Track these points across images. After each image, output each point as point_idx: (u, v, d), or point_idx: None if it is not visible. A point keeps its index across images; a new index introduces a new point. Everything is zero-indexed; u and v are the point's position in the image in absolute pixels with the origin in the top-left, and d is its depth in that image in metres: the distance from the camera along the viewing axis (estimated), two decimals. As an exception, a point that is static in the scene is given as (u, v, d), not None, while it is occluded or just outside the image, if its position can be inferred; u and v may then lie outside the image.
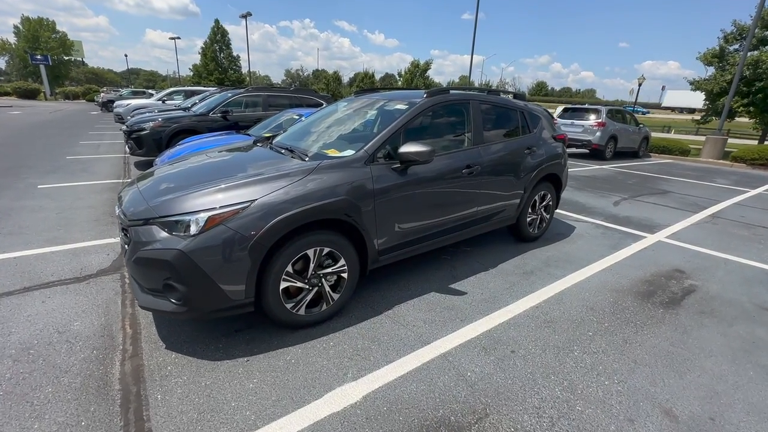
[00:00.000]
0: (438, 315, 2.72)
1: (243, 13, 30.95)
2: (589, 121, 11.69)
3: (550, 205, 4.23)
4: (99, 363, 2.12)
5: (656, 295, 3.12)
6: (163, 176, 2.57)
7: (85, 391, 1.92)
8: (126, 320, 2.53)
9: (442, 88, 3.28)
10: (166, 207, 2.11)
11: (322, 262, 2.46)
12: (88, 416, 1.77)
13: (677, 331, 2.63)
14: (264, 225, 2.10)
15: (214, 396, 1.92)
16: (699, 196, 7.01)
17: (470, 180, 3.19)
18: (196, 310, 2.11)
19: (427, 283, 3.16)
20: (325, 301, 2.52)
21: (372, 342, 2.39)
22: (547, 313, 2.78)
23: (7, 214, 4.46)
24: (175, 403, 1.87)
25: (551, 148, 4.03)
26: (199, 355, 2.23)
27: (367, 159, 2.60)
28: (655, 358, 2.33)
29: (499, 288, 3.13)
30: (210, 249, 2.01)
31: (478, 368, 2.18)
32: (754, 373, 2.24)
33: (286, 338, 2.40)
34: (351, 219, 2.46)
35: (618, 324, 2.68)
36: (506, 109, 3.70)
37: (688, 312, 2.89)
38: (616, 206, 5.96)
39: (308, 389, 1.99)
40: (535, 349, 2.37)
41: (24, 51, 47.27)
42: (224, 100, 7.98)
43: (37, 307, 2.63)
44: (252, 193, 2.17)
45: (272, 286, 2.24)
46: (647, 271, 3.58)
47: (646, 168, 10.62)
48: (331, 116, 3.56)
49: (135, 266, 2.13)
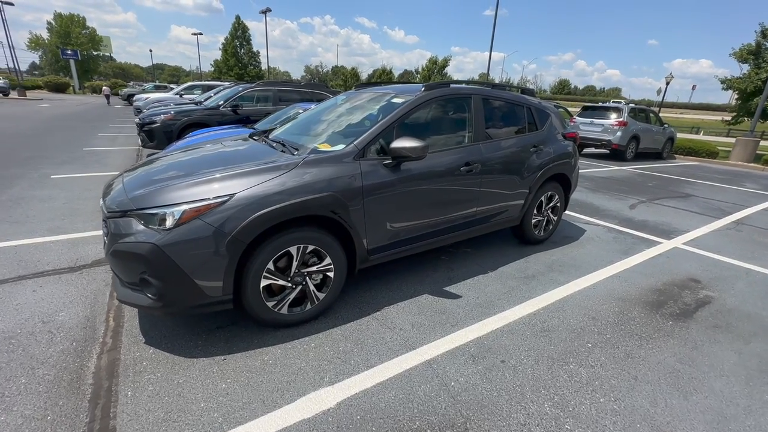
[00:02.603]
0: (428, 318, 2.60)
1: (263, 9, 31.22)
2: (609, 120, 11.25)
3: (558, 206, 4.03)
4: (76, 355, 2.10)
5: (666, 306, 2.91)
6: (147, 168, 2.53)
7: (57, 384, 1.89)
8: (111, 312, 2.51)
9: (442, 82, 3.13)
10: (143, 199, 2.06)
11: (307, 260, 2.37)
12: (56, 411, 1.74)
13: (686, 347, 2.43)
14: (242, 220, 2.03)
15: (185, 395, 1.87)
16: (724, 201, 6.61)
17: (469, 178, 3.05)
18: (172, 306, 2.06)
19: (420, 285, 3.04)
20: (309, 300, 2.44)
21: (355, 345, 2.30)
22: (544, 321, 2.62)
23: (17, 202, 4.56)
24: (143, 401, 1.82)
25: (560, 146, 3.83)
26: (176, 351, 2.18)
27: (357, 154, 2.49)
28: (659, 375, 2.15)
29: (496, 292, 2.99)
30: (185, 244, 1.95)
31: (463, 378, 2.06)
32: (769, 396, 2.04)
33: (267, 337, 2.33)
34: (337, 216, 2.36)
35: (621, 336, 2.50)
36: (511, 104, 3.52)
37: (700, 326, 2.68)
38: (632, 209, 5.68)
39: (281, 392, 1.91)
40: (528, 360, 2.23)
41: (56, 46, 49.08)
42: (235, 94, 8.02)
43: (27, 295, 2.64)
44: (232, 186, 2.10)
45: (252, 283, 2.17)
46: (659, 279, 3.36)
47: (669, 170, 10.15)
48: (329, 110, 3.47)
49: (112, 259, 2.09)
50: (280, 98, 8.34)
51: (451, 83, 3.19)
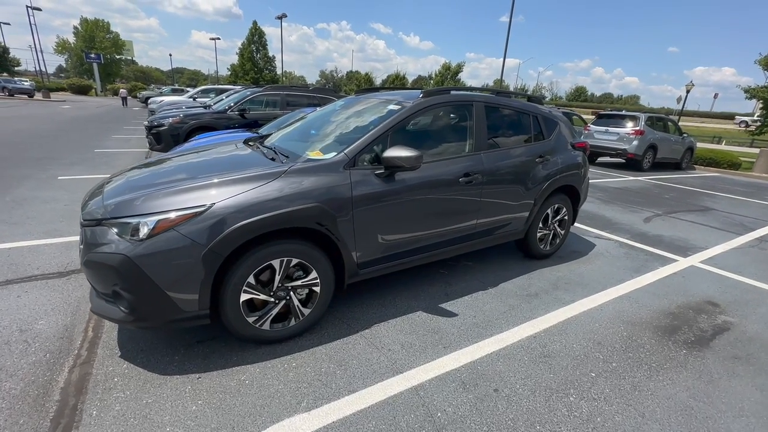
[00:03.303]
0: (419, 339, 2.44)
1: (278, 15, 31.65)
2: (625, 128, 10.91)
3: (566, 219, 3.84)
4: (47, 368, 2.01)
5: (680, 332, 2.69)
6: (131, 176, 2.46)
7: (22, 399, 1.81)
8: (90, 322, 2.43)
9: (442, 88, 3.00)
10: (118, 207, 1.97)
11: (291, 274, 2.25)
12: (15, 429, 1.65)
13: (701, 380, 2.21)
14: (220, 232, 1.92)
15: (151, 417, 1.76)
16: (746, 216, 6.27)
17: (469, 189, 2.89)
18: (145, 321, 1.96)
19: (415, 301, 2.89)
20: (293, 315, 2.32)
21: (338, 366, 2.16)
22: (545, 346, 2.44)
23: (20, 204, 4.59)
24: (107, 423, 1.71)
25: (568, 157, 3.64)
26: (151, 367, 2.08)
27: (347, 163, 2.37)
28: (669, 412, 1.95)
29: (495, 311, 2.82)
30: (158, 255, 1.85)
31: (452, 408, 1.90)
32: (795, 443, 1.82)
33: (247, 354, 2.21)
34: (324, 228, 2.24)
35: (628, 365, 2.30)
36: (516, 112, 3.36)
37: (717, 356, 2.45)
38: (647, 223, 5.41)
39: (253, 418, 1.78)
40: (523, 390, 2.05)
41: (81, 50, 50.73)
42: (243, 98, 8.03)
43: (10, 301, 2.59)
44: (211, 196, 2.00)
45: (231, 297, 2.06)
46: (673, 301, 3.13)
47: (688, 181, 9.76)
48: (326, 116, 3.37)
49: (86, 269, 2.01)
50: (287, 102, 8.32)
51: (452, 90, 3.05)
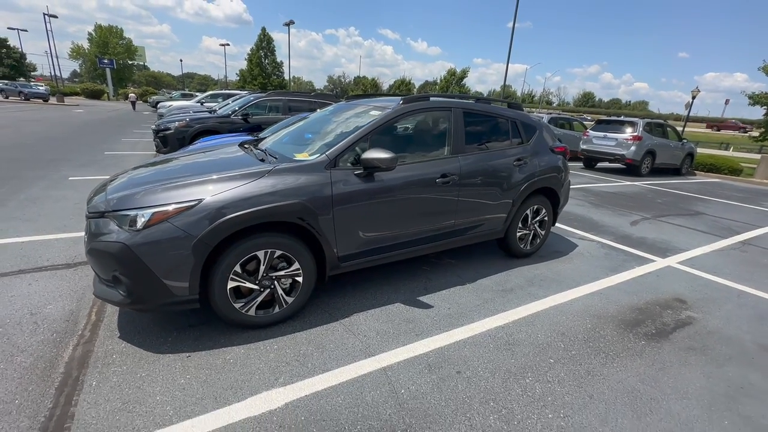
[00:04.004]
0: (394, 327, 2.63)
1: (286, 22, 32.26)
2: (624, 134, 11.02)
3: (546, 220, 4.00)
4: (54, 345, 2.24)
5: (643, 326, 2.84)
6: (132, 174, 2.70)
7: (31, 371, 2.03)
8: (94, 307, 2.67)
9: (421, 95, 3.21)
10: (119, 201, 2.21)
11: (275, 265, 2.46)
12: (24, 395, 1.87)
13: (653, 367, 2.37)
14: (209, 224, 2.14)
15: (144, 388, 1.97)
16: (736, 220, 6.36)
17: (447, 189, 3.09)
18: (141, 303, 2.19)
19: (395, 293, 3.09)
20: (277, 303, 2.53)
21: (316, 349, 2.36)
22: (511, 335, 2.62)
23: (33, 201, 4.88)
24: (105, 392, 1.93)
25: (547, 160, 3.82)
26: (146, 346, 2.30)
27: (328, 164, 2.59)
28: (616, 394, 2.12)
29: (469, 304, 3.00)
30: (153, 244, 2.08)
31: (415, 386, 2.09)
32: (729, 422, 1.97)
33: (234, 337, 2.42)
34: (305, 223, 2.45)
35: (587, 353, 2.47)
36: (495, 118, 3.56)
37: (674, 347, 2.61)
38: (633, 226, 5.54)
39: (235, 390, 1.99)
40: (484, 372, 2.23)
41: (95, 56, 52.00)
42: (246, 103, 8.33)
43: (22, 288, 2.83)
44: (202, 192, 2.22)
45: (219, 284, 2.27)
46: (642, 298, 3.28)
47: (685, 187, 9.82)
48: (317, 121, 3.60)
49: (89, 257, 2.24)
50: (290, 107, 8.60)
51: (432, 97, 3.26)
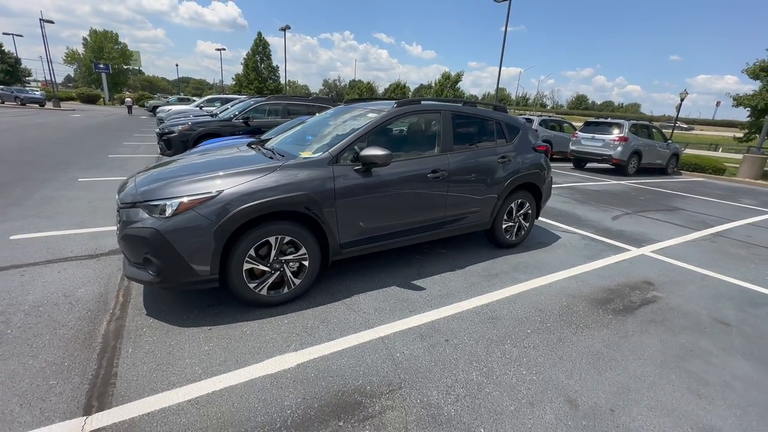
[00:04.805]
0: (390, 305, 2.96)
1: (282, 26, 32.65)
2: (610, 135, 11.45)
3: (530, 213, 4.35)
4: (90, 321, 2.54)
5: (612, 303, 3.19)
6: (156, 170, 3.02)
7: (74, 341, 2.33)
8: (121, 291, 2.97)
9: (413, 99, 3.55)
10: (149, 193, 2.52)
11: (284, 250, 2.78)
12: (72, 359, 2.17)
13: (616, 335, 2.71)
14: (227, 212, 2.46)
15: (174, 353, 2.28)
16: (711, 215, 6.76)
17: (437, 184, 3.42)
18: (168, 282, 2.49)
19: (391, 278, 3.41)
20: (286, 284, 2.84)
21: (322, 323, 2.68)
22: (494, 311, 2.95)
23: (48, 201, 5.16)
24: (140, 356, 2.24)
25: (530, 158, 4.17)
26: (171, 322, 2.60)
27: (331, 160, 2.91)
28: (582, 356, 2.45)
29: (458, 287, 3.32)
30: (180, 230, 2.39)
31: (408, 351, 2.41)
32: (676, 376, 2.31)
33: (249, 314, 2.73)
34: (311, 212, 2.78)
35: (560, 325, 2.81)
36: (480, 119, 3.91)
37: (637, 320, 2.95)
38: (614, 220, 5.91)
39: (253, 355, 2.30)
40: (469, 340, 2.56)
41: (90, 60, 52.12)
42: (247, 107, 8.65)
43: (53, 275, 3.13)
44: (221, 185, 2.54)
45: (235, 266, 2.59)
46: (614, 281, 3.63)
47: (669, 185, 10.25)
48: (318, 123, 3.93)
49: (123, 242, 2.55)
50: (288, 111, 8.93)
51: (423, 100, 3.60)
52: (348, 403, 1.96)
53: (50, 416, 1.78)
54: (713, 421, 1.98)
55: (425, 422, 1.87)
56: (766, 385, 2.30)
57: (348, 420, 1.86)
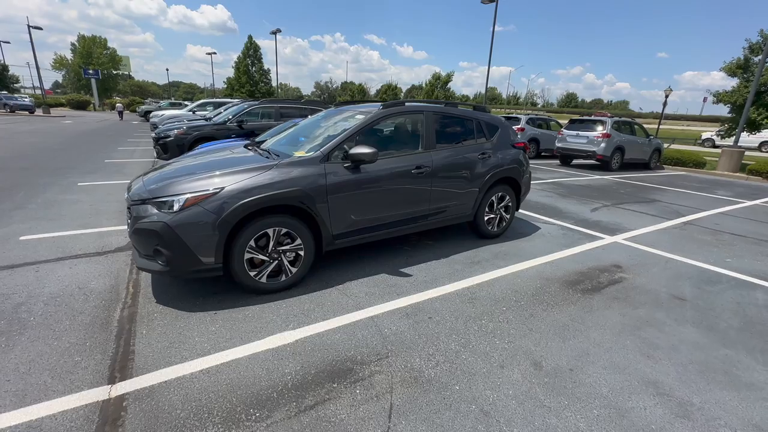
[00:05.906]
0: (380, 290, 3.24)
1: (273, 30, 32.82)
2: (594, 132, 11.85)
3: (510, 206, 4.66)
4: (105, 309, 2.79)
5: (582, 284, 3.50)
6: (161, 170, 3.27)
7: (92, 325, 2.59)
8: (130, 283, 3.22)
9: (398, 101, 3.85)
10: (157, 191, 2.78)
11: (281, 241, 3.05)
12: (92, 340, 2.42)
13: (582, 311, 3.02)
14: (230, 207, 2.73)
15: (184, 333, 2.54)
16: (686, 206, 7.13)
17: (421, 179, 3.71)
18: (176, 271, 2.75)
19: (381, 267, 3.69)
20: (284, 273, 3.11)
21: (317, 306, 2.95)
22: (474, 293, 3.24)
23: (51, 204, 5.37)
24: (154, 336, 2.49)
25: (509, 154, 4.49)
26: (180, 308, 2.86)
27: (322, 158, 3.19)
28: (550, 327, 2.75)
29: (442, 273, 3.62)
30: (188, 223, 2.66)
31: (395, 327, 2.69)
32: (630, 342, 2.62)
33: (250, 300, 2.99)
34: (305, 206, 3.05)
35: (532, 303, 3.11)
36: (461, 119, 4.21)
37: (602, 297, 3.26)
38: (593, 212, 6.25)
39: (255, 333, 2.57)
40: (450, 317, 2.85)
41: (78, 66, 51.80)
42: (241, 111, 8.88)
43: (66, 271, 3.36)
44: (223, 182, 2.81)
45: (237, 255, 2.85)
46: (586, 265, 3.95)
47: (650, 179, 10.66)
48: (310, 125, 4.20)
49: (134, 236, 2.81)
50: (281, 114, 9.18)
51: (407, 102, 3.90)
52: (341, 370, 2.24)
53: (79, 385, 2.04)
54: (658, 377, 2.29)
55: (408, 383, 2.15)
56: (708, 347, 2.62)
57: (341, 382, 2.13)
